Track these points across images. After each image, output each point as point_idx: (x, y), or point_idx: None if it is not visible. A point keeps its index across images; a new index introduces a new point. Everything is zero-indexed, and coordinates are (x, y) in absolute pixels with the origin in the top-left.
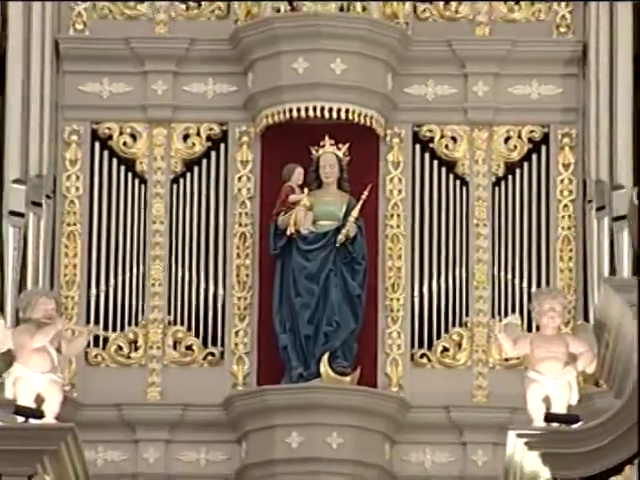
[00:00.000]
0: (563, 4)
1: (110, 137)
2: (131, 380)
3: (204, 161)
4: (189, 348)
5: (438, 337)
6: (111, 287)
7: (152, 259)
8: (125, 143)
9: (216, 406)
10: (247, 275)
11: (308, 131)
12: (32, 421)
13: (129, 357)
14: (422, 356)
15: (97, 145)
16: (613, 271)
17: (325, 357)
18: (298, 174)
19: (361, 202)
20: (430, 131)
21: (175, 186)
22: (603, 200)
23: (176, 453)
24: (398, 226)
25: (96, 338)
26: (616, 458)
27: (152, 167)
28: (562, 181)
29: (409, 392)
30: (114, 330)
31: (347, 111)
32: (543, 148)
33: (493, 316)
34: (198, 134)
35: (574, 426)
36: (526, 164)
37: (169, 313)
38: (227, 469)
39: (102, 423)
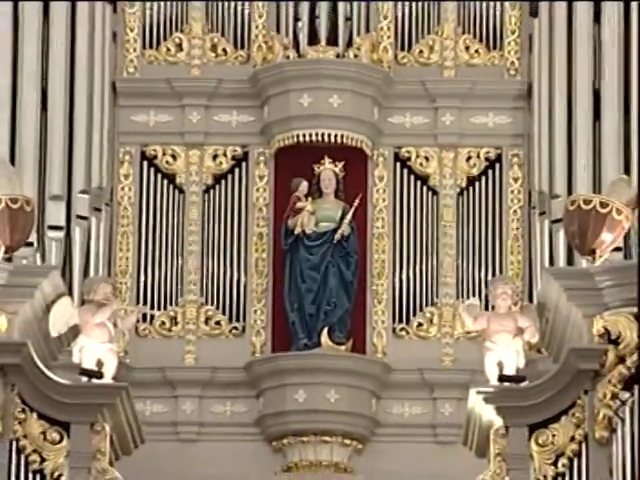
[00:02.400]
0: (513, 52)
1: (155, 157)
2: (172, 348)
3: (229, 176)
4: (218, 323)
5: (414, 314)
6: (156, 275)
7: (188, 253)
8: (167, 162)
9: (239, 369)
10: (263, 266)
11: (311, 152)
12: (94, 381)
13: (170, 330)
14: (401, 329)
15: (145, 163)
16: (552, 262)
17: (325, 330)
18: (303, 186)
19: (353, 208)
20: (408, 152)
21: (207, 196)
22: (544, 207)
23: (207, 406)
24: (383, 227)
25: (144, 315)
26: (554, 410)
27: (188, 181)
28: (512, 192)
29: (391, 358)
30: (158, 309)
31: (342, 136)
32: (497, 166)
33: (457, 298)
34: (225, 154)
35: (521, 385)
36: (484, 178)
37: (202, 295)
38: (247, 419)
39: (149, 382)
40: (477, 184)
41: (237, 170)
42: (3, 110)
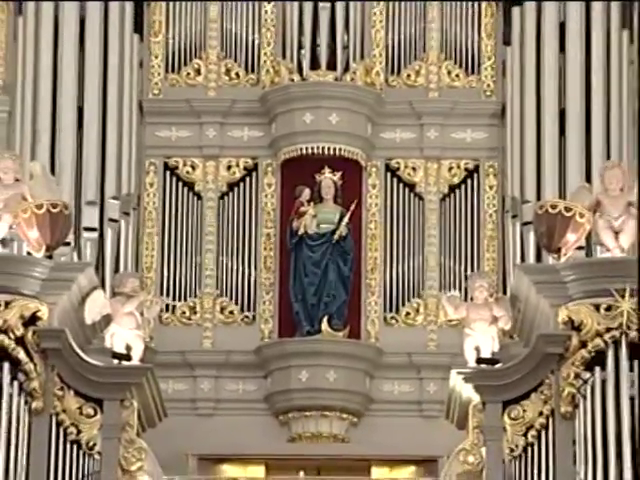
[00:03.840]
0: (489, 76)
1: (177, 167)
2: (191, 334)
3: (242, 184)
4: (231, 312)
5: (403, 305)
6: (177, 270)
7: (205, 251)
8: (187, 172)
9: (250, 352)
10: (271, 262)
11: (313, 163)
12: (123, 363)
13: (190, 319)
14: (392, 318)
15: (168, 173)
16: (523, 259)
17: (325, 319)
18: (306, 193)
19: (350, 212)
20: (397, 163)
21: (222, 201)
22: (516, 210)
23: (222, 385)
24: (375, 228)
25: (167, 306)
26: (525, 388)
27: (206, 188)
28: (488, 198)
29: (383, 343)
30: (179, 300)
31: (340, 149)
32: (475, 175)
33: (440, 291)
34: (237, 165)
35: (496, 366)
36: (463, 186)
37: (217, 288)
38: (257, 395)
39: (171, 364)
40: (457, 191)
41: (248, 179)
42: (45, 127)
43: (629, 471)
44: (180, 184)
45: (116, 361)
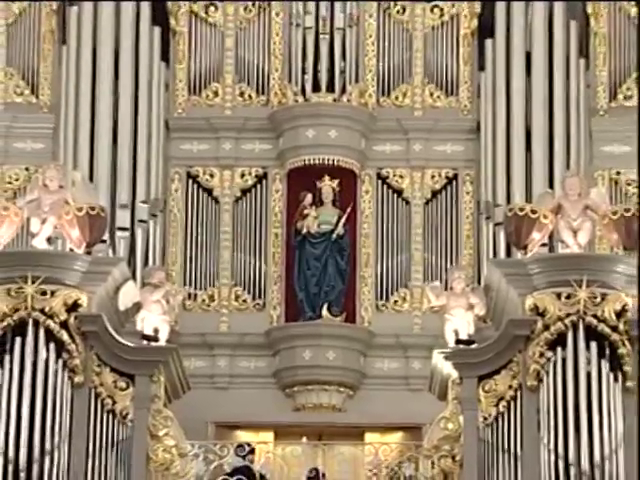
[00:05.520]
0: (466, 97)
1: (197, 176)
2: (210, 319)
3: (253, 190)
4: (244, 300)
5: (392, 294)
6: (198, 264)
7: (222, 248)
8: (207, 179)
9: (260, 334)
10: (279, 257)
11: (315, 172)
12: (152, 343)
13: (209, 305)
14: (382, 305)
15: (190, 181)
16: (495, 255)
17: (325, 306)
18: (309, 197)
19: (346, 214)
20: (387, 172)
21: (236, 205)
22: (489, 213)
23: (237, 362)
24: (368, 228)
25: (189, 294)
26: (497, 365)
27: (222, 193)
28: (465, 202)
29: (375, 326)
30: (200, 289)
31: (338, 160)
32: (454, 182)
33: (424, 282)
34: (250, 174)
35: (472, 346)
36: (444, 192)
37: (232, 279)
38: (267, 371)
39: (193, 344)
40: (439, 196)
41: (259, 186)
42: (84, 141)
43: (585, 436)
44: (200, 190)
45: (145, 342)
